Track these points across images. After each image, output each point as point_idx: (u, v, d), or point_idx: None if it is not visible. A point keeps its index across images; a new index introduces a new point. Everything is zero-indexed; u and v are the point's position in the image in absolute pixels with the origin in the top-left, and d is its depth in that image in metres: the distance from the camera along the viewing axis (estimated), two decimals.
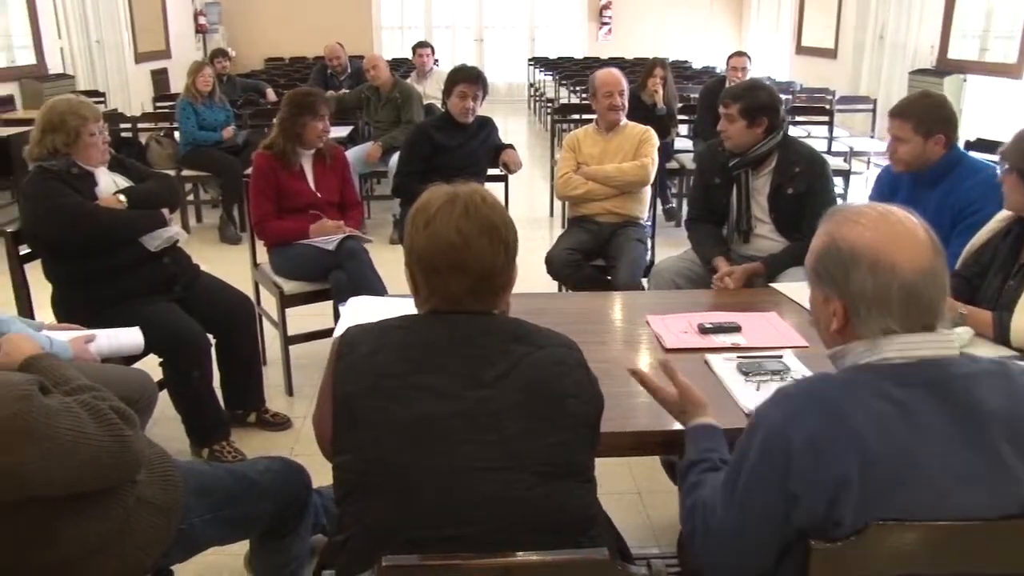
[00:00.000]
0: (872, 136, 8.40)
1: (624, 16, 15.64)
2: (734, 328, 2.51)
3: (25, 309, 3.07)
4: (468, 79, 4.55)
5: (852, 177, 7.17)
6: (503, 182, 4.74)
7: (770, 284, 3.16)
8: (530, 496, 1.47)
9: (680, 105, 7.42)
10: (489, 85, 4.81)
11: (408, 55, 10.05)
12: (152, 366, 3.12)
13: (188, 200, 7.00)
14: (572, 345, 1.61)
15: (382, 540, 1.44)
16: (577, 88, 10.44)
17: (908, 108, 3.08)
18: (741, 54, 7.31)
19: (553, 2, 16.16)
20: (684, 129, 7.84)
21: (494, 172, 4.82)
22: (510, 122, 12.65)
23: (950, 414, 1.35)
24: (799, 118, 7.90)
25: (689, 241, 3.64)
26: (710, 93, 6.81)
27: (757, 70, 7.72)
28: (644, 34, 15.15)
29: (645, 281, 3.93)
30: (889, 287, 1.38)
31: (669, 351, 2.38)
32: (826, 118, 7.56)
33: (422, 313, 1.62)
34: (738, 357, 2.26)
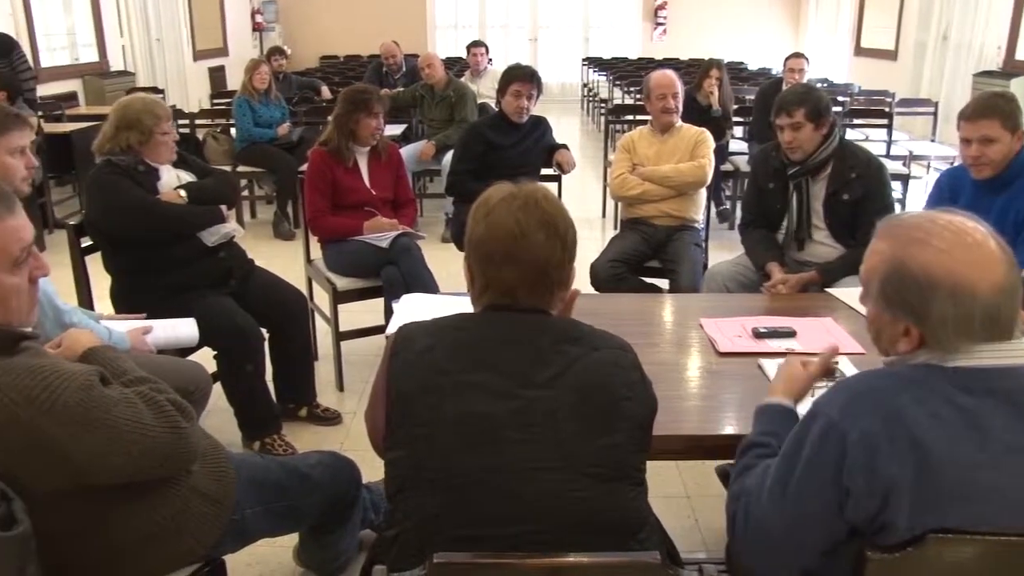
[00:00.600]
0: (933, 140, 8.21)
1: (679, 16, 15.53)
2: (789, 333, 2.47)
3: (85, 300, 3.13)
4: (523, 78, 4.54)
5: (911, 182, 7.01)
6: (556, 182, 4.72)
7: (825, 289, 3.11)
8: (582, 497, 1.46)
9: (735, 107, 7.34)
10: (543, 85, 4.79)
11: (462, 54, 10.09)
12: (206, 358, 3.16)
13: (243, 196, 7.08)
14: (627, 347, 1.60)
15: (433, 536, 1.45)
16: (631, 89, 10.37)
17: (990, 105, 2.93)
18: (799, 55, 7.19)
19: (608, 2, 16.09)
20: (739, 131, 7.75)
21: (547, 172, 4.80)
22: (563, 122, 12.61)
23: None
24: (857, 121, 7.77)
25: (743, 246, 3.59)
26: (766, 95, 6.71)
27: (814, 72, 7.61)
28: (699, 35, 15.02)
29: None
30: (971, 313, 1.32)
31: (722, 355, 2.35)
32: (885, 121, 7.43)
33: (477, 312, 1.62)
34: None
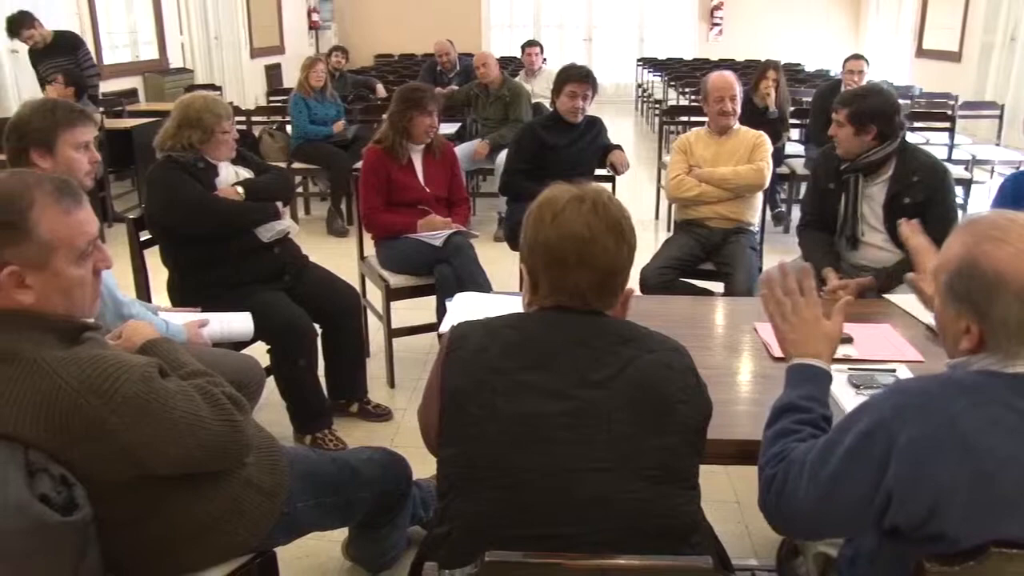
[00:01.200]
0: (998, 144, 8.01)
1: (736, 16, 15.39)
2: (846, 339, 2.42)
3: (143, 292, 3.19)
4: (578, 78, 4.51)
5: (973, 187, 6.85)
6: (610, 183, 4.70)
7: (883, 295, 3.05)
8: (634, 499, 1.45)
9: (792, 109, 7.23)
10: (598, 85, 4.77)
11: (517, 54, 10.09)
12: (260, 353, 3.20)
13: (297, 192, 7.16)
14: (681, 349, 1.59)
15: (485, 535, 1.44)
16: (686, 89, 10.29)
17: None
18: (858, 57, 7.06)
19: (663, 2, 16.00)
20: (796, 134, 7.64)
21: (601, 172, 4.77)
22: (617, 123, 12.52)
23: None
24: (918, 124, 7.62)
25: (800, 248, 3.54)
26: (824, 97, 6.62)
27: (874, 74, 7.47)
28: (756, 35, 14.85)
29: None
30: None
31: (777, 360, 2.32)
32: (947, 124, 7.27)
33: (533, 311, 1.61)
34: (849, 369, 2.19)
